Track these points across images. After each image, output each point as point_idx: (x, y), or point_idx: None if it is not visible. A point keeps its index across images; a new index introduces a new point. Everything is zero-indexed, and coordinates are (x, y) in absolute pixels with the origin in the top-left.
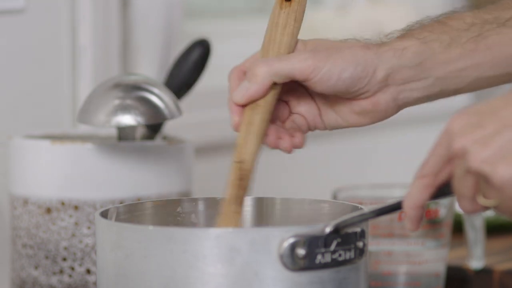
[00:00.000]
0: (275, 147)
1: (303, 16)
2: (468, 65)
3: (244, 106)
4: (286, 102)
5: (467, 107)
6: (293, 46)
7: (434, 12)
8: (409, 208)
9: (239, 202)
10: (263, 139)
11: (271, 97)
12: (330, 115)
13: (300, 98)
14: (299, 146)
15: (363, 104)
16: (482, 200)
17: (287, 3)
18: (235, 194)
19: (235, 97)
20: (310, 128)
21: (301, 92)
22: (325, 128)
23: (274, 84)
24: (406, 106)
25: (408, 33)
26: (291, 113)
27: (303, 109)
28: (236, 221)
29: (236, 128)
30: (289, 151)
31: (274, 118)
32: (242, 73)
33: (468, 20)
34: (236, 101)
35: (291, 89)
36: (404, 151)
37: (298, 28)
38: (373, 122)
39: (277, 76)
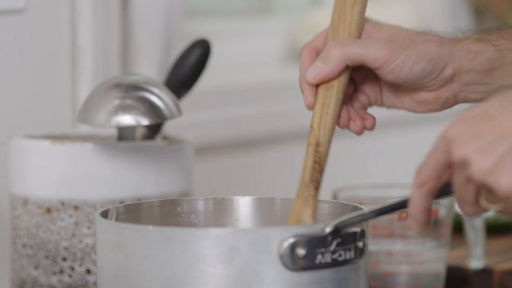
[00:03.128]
0: (346, 127)
1: None
2: None
3: (316, 86)
4: (352, 79)
5: (463, 112)
6: (363, 24)
7: (433, 12)
8: (415, 213)
9: (317, 185)
10: (337, 120)
11: (344, 78)
12: (390, 97)
13: (366, 77)
14: (370, 128)
15: (424, 95)
16: (484, 204)
17: None
18: (313, 177)
19: (308, 76)
20: (370, 104)
21: (367, 71)
22: (382, 106)
23: (347, 66)
24: (464, 102)
25: (484, 37)
26: (355, 90)
27: (367, 88)
28: (314, 205)
29: (310, 108)
30: (360, 133)
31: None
32: (315, 51)
33: None
34: (309, 80)
35: (358, 67)
36: (404, 151)
37: (365, 6)
38: (428, 112)
39: (351, 60)
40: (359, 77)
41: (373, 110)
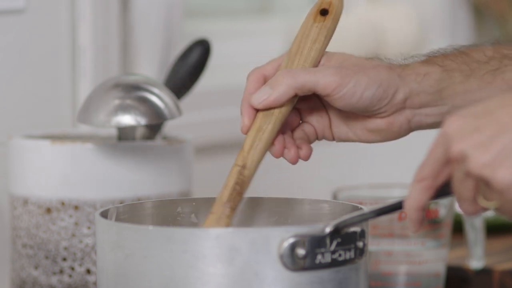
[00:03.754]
0: (280, 156)
1: (333, 33)
2: (484, 97)
3: (257, 110)
4: (298, 110)
5: (463, 108)
6: (318, 61)
7: (433, 12)
8: (410, 210)
9: (234, 206)
10: (269, 147)
11: (286, 107)
12: (342, 128)
13: (313, 108)
14: (304, 158)
15: (377, 122)
16: (482, 202)
17: (322, 17)
18: (231, 198)
19: (254, 100)
20: (318, 138)
21: (315, 101)
22: (333, 139)
23: (295, 95)
24: (418, 129)
25: (430, 59)
26: (301, 121)
27: (314, 119)
28: (226, 225)
29: (245, 131)
30: (294, 162)
31: (284, 126)
32: (262, 76)
33: (488, 53)
34: (253, 104)
35: (305, 97)
36: (404, 151)
37: (326, 45)
38: (384, 141)
39: (301, 89)
40: (305, 108)
41: None
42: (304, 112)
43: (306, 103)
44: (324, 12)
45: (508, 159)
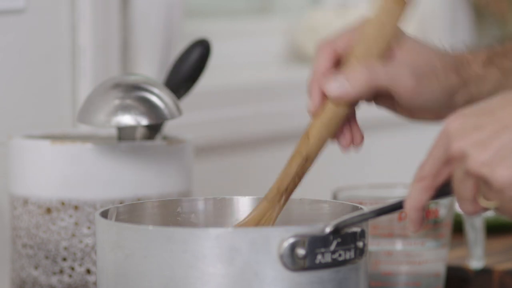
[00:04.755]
0: (348, 148)
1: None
2: None
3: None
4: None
5: (464, 108)
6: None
7: (433, 12)
8: (410, 210)
9: (288, 196)
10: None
11: (358, 101)
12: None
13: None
14: (358, 145)
15: (426, 116)
16: (482, 202)
17: (402, 1)
18: (289, 187)
19: (328, 88)
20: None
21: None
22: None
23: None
24: None
25: (490, 58)
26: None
27: (380, 103)
28: (278, 213)
29: (312, 114)
30: (346, 148)
31: None
32: (334, 52)
33: None
34: (329, 93)
35: None
36: (404, 151)
37: (398, 30)
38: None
39: (376, 89)
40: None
41: (373, 108)
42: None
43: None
44: None
45: (507, 158)
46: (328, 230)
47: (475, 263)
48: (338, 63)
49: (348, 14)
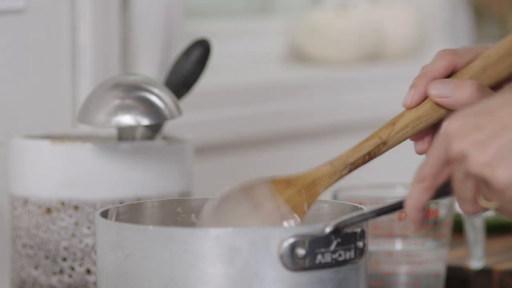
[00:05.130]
0: (423, 153)
1: None
2: None
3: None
4: None
5: (464, 108)
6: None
7: (433, 12)
8: (411, 211)
9: (351, 170)
10: (413, 138)
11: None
12: None
13: None
14: (422, 152)
15: None
16: (483, 202)
17: None
18: (355, 162)
19: (432, 89)
20: None
21: None
22: None
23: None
24: None
25: None
26: None
27: None
28: (333, 182)
29: (407, 106)
30: (418, 153)
31: None
32: (452, 65)
33: None
34: (430, 93)
35: None
36: (404, 151)
37: None
38: None
39: (472, 103)
40: None
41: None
42: None
43: None
44: None
45: (507, 158)
46: (328, 230)
47: (475, 263)
48: (450, 75)
49: (348, 14)
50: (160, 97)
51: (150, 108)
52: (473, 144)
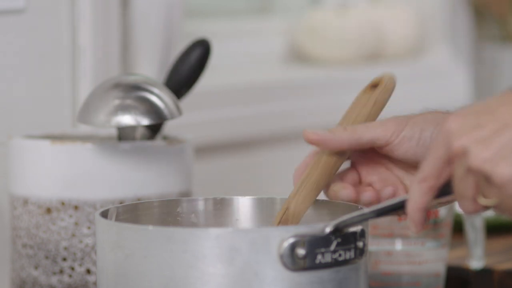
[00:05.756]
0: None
1: (383, 106)
2: None
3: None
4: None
5: (463, 107)
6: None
7: (433, 12)
8: (412, 211)
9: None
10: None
11: (336, 158)
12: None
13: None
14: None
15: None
16: (482, 200)
17: (372, 89)
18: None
19: (307, 132)
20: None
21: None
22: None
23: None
24: None
25: None
26: (360, 182)
27: (375, 178)
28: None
29: (295, 176)
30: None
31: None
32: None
33: None
34: (305, 134)
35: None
36: None
37: (375, 114)
38: None
39: (358, 140)
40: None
41: None
42: (363, 173)
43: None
44: (375, 86)
45: (508, 157)
46: (328, 230)
47: (475, 263)
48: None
49: (348, 14)
50: (160, 97)
51: (150, 108)
52: (475, 141)
